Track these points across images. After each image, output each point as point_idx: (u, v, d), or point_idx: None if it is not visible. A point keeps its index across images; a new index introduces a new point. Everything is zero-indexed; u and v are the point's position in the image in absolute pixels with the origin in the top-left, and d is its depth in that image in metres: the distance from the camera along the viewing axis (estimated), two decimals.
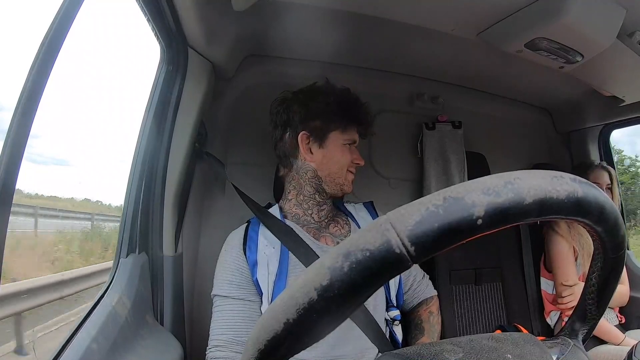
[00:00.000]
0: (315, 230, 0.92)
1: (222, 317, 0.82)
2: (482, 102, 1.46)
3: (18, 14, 3.06)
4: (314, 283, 0.22)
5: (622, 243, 0.32)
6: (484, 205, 0.22)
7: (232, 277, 0.84)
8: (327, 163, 0.91)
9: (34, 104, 0.49)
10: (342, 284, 0.22)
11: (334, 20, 0.97)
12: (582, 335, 0.40)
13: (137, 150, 0.85)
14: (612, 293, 0.38)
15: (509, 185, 0.23)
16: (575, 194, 0.26)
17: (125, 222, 0.82)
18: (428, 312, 1.01)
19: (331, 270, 0.22)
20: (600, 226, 0.30)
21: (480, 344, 0.33)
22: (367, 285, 0.22)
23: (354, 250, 0.22)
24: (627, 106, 1.31)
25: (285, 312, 0.23)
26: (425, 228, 0.22)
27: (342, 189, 0.93)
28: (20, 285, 2.45)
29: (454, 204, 0.22)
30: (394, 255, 0.22)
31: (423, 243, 0.22)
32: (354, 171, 0.95)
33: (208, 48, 0.91)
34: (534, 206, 0.24)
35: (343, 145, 0.91)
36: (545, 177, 0.25)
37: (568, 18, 0.82)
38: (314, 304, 0.22)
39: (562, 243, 1.31)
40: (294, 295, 0.23)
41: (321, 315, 0.23)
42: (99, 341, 0.58)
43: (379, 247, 0.22)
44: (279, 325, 0.23)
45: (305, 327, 0.23)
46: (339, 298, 0.22)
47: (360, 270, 0.22)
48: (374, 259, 0.22)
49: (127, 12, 0.81)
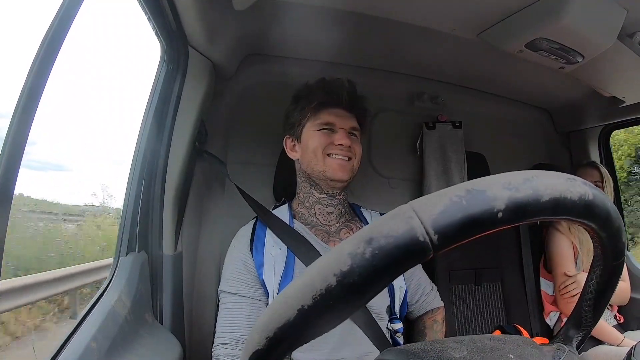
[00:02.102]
0: (325, 234, 0.91)
1: (229, 315, 0.82)
2: (482, 102, 1.46)
3: (17, 13, 3.06)
4: (333, 269, 0.22)
5: (623, 250, 0.33)
6: (505, 199, 0.23)
7: (240, 274, 0.84)
8: (304, 153, 0.91)
9: (34, 103, 0.49)
10: (363, 270, 0.22)
11: (334, 20, 0.97)
12: (576, 341, 0.40)
13: (137, 149, 0.85)
14: (608, 300, 0.38)
15: (528, 183, 0.24)
16: (586, 196, 0.26)
17: (125, 221, 0.82)
18: (433, 320, 1.00)
19: (352, 256, 0.22)
20: (605, 231, 0.30)
21: (482, 343, 0.33)
22: (388, 273, 0.22)
23: (377, 236, 0.22)
24: (627, 107, 1.31)
25: (300, 299, 0.23)
26: (449, 218, 0.22)
27: (325, 175, 0.88)
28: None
29: (477, 196, 0.23)
30: (417, 243, 0.22)
31: (446, 232, 0.22)
32: (340, 155, 0.88)
33: (208, 47, 0.91)
34: (550, 204, 0.24)
35: (315, 132, 0.89)
36: (560, 178, 0.26)
37: (568, 18, 0.82)
38: (332, 290, 0.22)
39: (562, 240, 1.31)
40: (310, 281, 0.23)
41: (338, 302, 0.22)
42: (98, 340, 0.58)
43: (403, 234, 0.22)
44: (292, 312, 0.23)
45: (320, 315, 0.23)
46: (359, 285, 0.22)
47: (382, 257, 0.22)
48: (397, 246, 0.22)
49: (127, 11, 0.81)
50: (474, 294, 1.29)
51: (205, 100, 0.96)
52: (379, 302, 0.88)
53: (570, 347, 0.39)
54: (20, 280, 2.61)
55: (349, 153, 0.89)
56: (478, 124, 1.45)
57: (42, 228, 3.77)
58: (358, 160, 0.92)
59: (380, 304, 0.88)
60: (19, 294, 2.58)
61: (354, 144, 0.91)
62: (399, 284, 0.91)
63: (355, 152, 0.91)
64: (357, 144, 0.92)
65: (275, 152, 1.11)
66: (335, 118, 0.90)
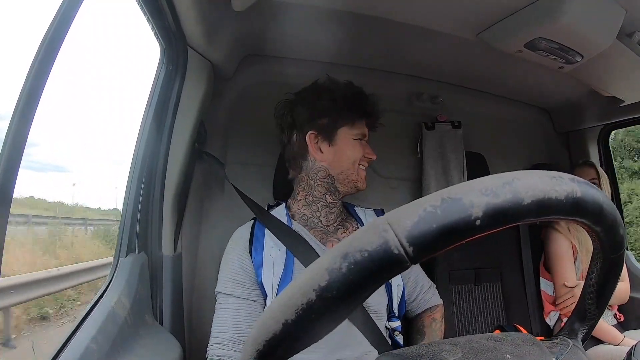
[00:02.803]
0: (323, 234, 0.91)
1: (224, 315, 0.82)
2: (482, 102, 1.46)
3: (17, 13, 3.06)
4: (312, 284, 0.22)
5: (621, 243, 0.32)
6: (482, 205, 0.23)
7: (236, 275, 0.84)
8: (339, 160, 0.89)
9: (33, 103, 0.49)
10: (341, 285, 0.22)
11: (333, 20, 0.97)
12: (581, 335, 0.40)
13: (136, 149, 0.85)
14: (611, 293, 0.38)
15: (507, 186, 0.24)
16: (574, 194, 0.26)
17: (124, 222, 0.82)
18: (431, 318, 1.00)
19: (329, 271, 0.22)
20: (599, 226, 0.30)
21: (479, 344, 0.33)
22: (365, 286, 0.22)
23: (352, 251, 0.22)
24: (626, 106, 1.31)
25: (283, 313, 0.23)
26: (424, 229, 0.22)
27: (356, 185, 0.91)
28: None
29: (452, 204, 0.23)
30: (392, 256, 0.22)
31: (421, 243, 0.22)
32: (366, 166, 0.93)
33: (208, 48, 0.91)
34: (533, 206, 0.24)
35: (354, 141, 0.90)
36: (544, 178, 0.25)
37: (567, 18, 0.82)
38: (313, 304, 0.22)
39: (561, 240, 1.31)
40: (293, 296, 0.23)
41: (320, 316, 0.23)
42: (98, 341, 0.58)
43: (377, 248, 0.22)
44: (277, 326, 0.23)
45: (304, 328, 0.23)
46: (338, 299, 0.22)
47: (358, 271, 0.22)
48: (372, 260, 0.22)
49: (126, 11, 0.81)
50: (473, 294, 1.29)
51: (205, 101, 0.96)
52: (377, 301, 0.87)
53: (575, 340, 0.39)
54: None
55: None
56: (477, 124, 1.45)
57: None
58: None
59: (378, 303, 0.87)
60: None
61: None
62: (397, 282, 0.91)
63: None
64: None
65: (274, 153, 1.11)
66: (367, 131, 0.94)
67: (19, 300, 2.93)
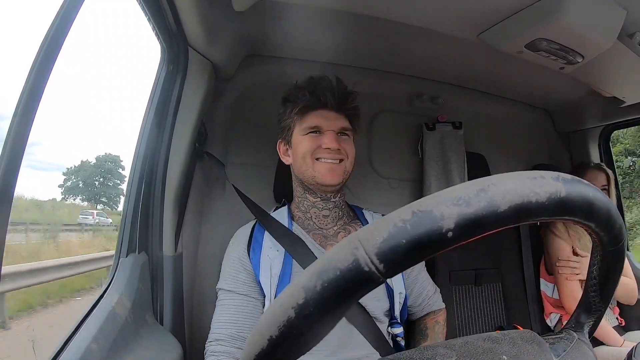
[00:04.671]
0: (322, 237, 0.90)
1: (225, 312, 0.82)
2: (482, 103, 1.46)
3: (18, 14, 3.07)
4: (291, 302, 0.23)
5: (620, 235, 0.32)
6: (454, 217, 0.22)
7: (238, 273, 0.84)
8: (295, 159, 0.89)
9: (34, 104, 0.49)
10: (316, 302, 0.23)
11: (334, 21, 0.97)
12: (587, 327, 0.40)
13: (137, 149, 0.85)
14: (615, 284, 0.37)
15: (482, 194, 0.23)
16: (557, 194, 0.25)
17: (125, 222, 0.82)
18: (434, 321, 1.00)
19: (305, 290, 0.23)
20: (592, 221, 0.29)
21: (475, 345, 0.33)
22: (340, 303, 0.23)
23: (325, 269, 0.23)
24: (627, 107, 1.31)
25: (268, 329, 0.24)
26: (393, 244, 0.22)
27: (316, 180, 0.86)
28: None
29: (422, 217, 0.22)
30: (363, 273, 0.22)
31: (391, 259, 0.22)
32: (329, 158, 0.85)
33: (208, 48, 0.91)
34: (510, 212, 0.23)
35: (303, 136, 0.87)
36: (524, 180, 0.24)
37: (568, 19, 0.82)
38: (293, 321, 0.23)
39: (560, 245, 1.30)
40: (275, 313, 0.24)
41: (301, 332, 0.23)
42: (98, 341, 0.58)
43: (348, 266, 0.22)
44: (263, 341, 0.24)
45: (288, 343, 0.24)
46: (315, 316, 0.23)
47: (332, 289, 0.22)
48: (344, 278, 0.22)
49: (127, 12, 0.81)
50: (474, 295, 1.29)
51: (205, 101, 0.96)
52: (378, 306, 0.86)
53: (581, 334, 0.39)
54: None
55: (338, 155, 0.86)
56: (478, 125, 1.45)
57: None
58: (351, 161, 0.89)
59: (379, 308, 0.86)
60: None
61: (345, 144, 0.87)
62: (399, 290, 0.89)
63: (347, 153, 0.87)
64: (349, 144, 0.89)
65: (275, 153, 1.11)
66: (322, 120, 0.86)
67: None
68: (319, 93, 0.86)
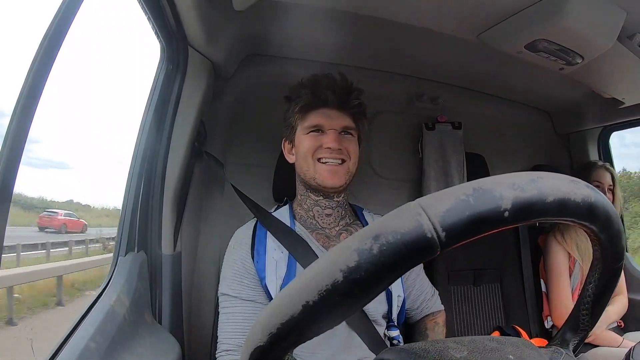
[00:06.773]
0: (325, 238, 0.88)
1: (232, 320, 0.79)
2: (482, 103, 1.46)
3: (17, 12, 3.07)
4: (339, 264, 0.22)
5: (622, 253, 0.33)
6: (511, 198, 0.23)
7: (242, 278, 0.81)
8: (298, 159, 0.89)
9: (33, 102, 0.49)
10: (371, 266, 0.22)
11: (334, 20, 0.97)
12: (572, 345, 0.40)
13: (136, 148, 0.85)
14: (606, 303, 0.38)
15: (533, 183, 0.24)
16: (589, 198, 0.26)
17: (124, 221, 0.82)
18: (434, 322, 0.99)
19: (359, 252, 0.22)
20: (605, 234, 0.30)
21: (482, 344, 0.33)
22: (395, 269, 0.22)
23: (384, 232, 0.22)
24: (627, 108, 1.31)
25: (305, 294, 0.23)
26: (457, 215, 0.22)
27: (316, 181, 0.84)
28: None
29: (484, 194, 0.23)
30: (425, 239, 0.22)
31: (454, 230, 0.22)
32: (330, 159, 0.83)
33: (208, 47, 0.91)
34: (555, 205, 0.24)
35: (305, 135, 0.86)
36: (564, 180, 0.26)
37: (568, 20, 0.82)
38: (338, 285, 0.22)
39: (558, 251, 1.30)
40: (316, 277, 0.23)
41: (344, 298, 0.22)
42: (97, 340, 0.58)
43: (411, 230, 0.22)
44: (296, 308, 0.23)
45: (326, 311, 0.23)
46: (365, 281, 0.22)
47: (390, 253, 0.22)
48: (404, 243, 0.22)
49: (127, 11, 0.81)
50: (473, 295, 1.29)
51: (205, 101, 0.96)
52: (376, 308, 0.85)
53: (567, 350, 0.39)
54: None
55: (340, 155, 0.84)
56: (478, 125, 1.45)
57: None
58: (354, 161, 0.87)
59: (377, 310, 0.86)
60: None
61: (348, 144, 0.85)
62: (397, 293, 0.88)
63: (350, 153, 0.85)
64: (352, 143, 0.86)
65: (274, 153, 1.11)
66: (323, 119, 0.84)
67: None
68: (320, 91, 0.84)
